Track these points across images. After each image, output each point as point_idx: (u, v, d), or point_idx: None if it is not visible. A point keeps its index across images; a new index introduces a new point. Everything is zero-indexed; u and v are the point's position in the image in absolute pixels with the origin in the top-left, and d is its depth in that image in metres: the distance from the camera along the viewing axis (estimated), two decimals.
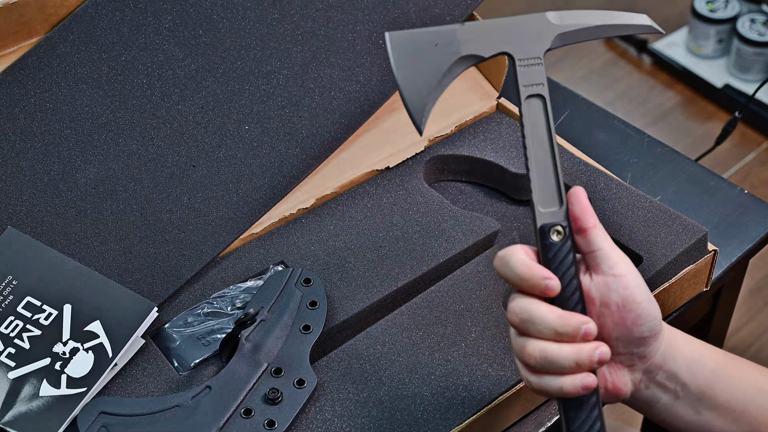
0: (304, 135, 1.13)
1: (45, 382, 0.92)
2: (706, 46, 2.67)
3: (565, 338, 0.73)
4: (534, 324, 0.74)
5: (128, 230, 1.05)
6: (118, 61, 1.13)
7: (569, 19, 0.78)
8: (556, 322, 0.73)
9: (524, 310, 0.74)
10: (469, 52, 0.77)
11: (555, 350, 0.73)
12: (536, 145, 0.78)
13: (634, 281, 0.75)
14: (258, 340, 0.95)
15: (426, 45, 0.77)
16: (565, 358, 0.73)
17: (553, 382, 0.74)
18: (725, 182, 1.24)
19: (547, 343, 0.73)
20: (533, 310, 0.74)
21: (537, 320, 0.73)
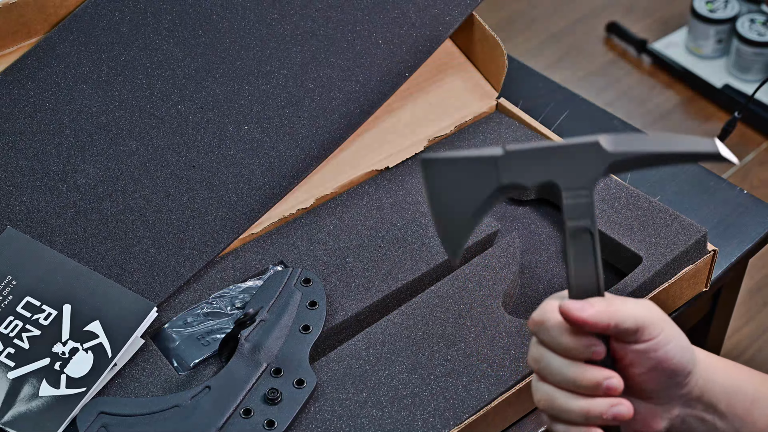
0: (303, 135, 1.13)
1: (44, 382, 0.92)
2: (705, 46, 2.67)
3: (584, 391, 0.70)
4: (551, 372, 0.71)
5: (128, 230, 1.05)
6: (117, 61, 1.13)
7: (625, 146, 0.69)
8: (575, 375, 0.70)
9: (542, 357, 0.71)
10: (510, 180, 0.70)
11: (563, 401, 0.70)
12: (581, 279, 0.72)
13: (664, 340, 0.71)
14: (257, 340, 0.95)
15: (463, 172, 0.70)
16: (573, 411, 0.70)
17: (561, 429, 0.72)
18: (725, 182, 1.24)
19: (558, 391, 0.71)
20: (551, 358, 0.71)
21: (554, 369, 0.71)
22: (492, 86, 1.24)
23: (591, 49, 2.83)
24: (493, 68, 1.24)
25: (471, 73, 1.26)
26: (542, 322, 0.71)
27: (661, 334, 0.71)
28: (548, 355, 0.71)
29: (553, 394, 0.71)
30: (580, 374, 0.70)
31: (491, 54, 1.23)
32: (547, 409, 0.72)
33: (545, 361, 0.71)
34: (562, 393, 0.71)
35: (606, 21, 2.87)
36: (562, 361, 0.70)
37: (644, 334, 0.70)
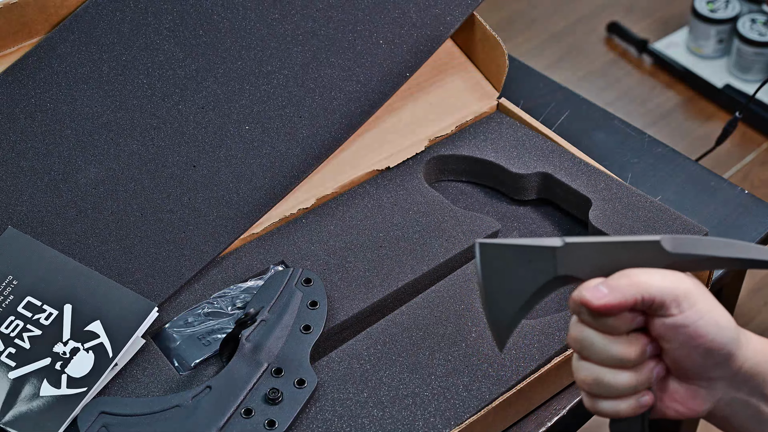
0: (304, 135, 1.13)
1: (45, 382, 0.92)
2: (706, 46, 2.67)
3: (629, 364, 0.70)
4: (595, 351, 0.70)
5: (129, 230, 1.05)
6: (118, 61, 1.13)
7: (686, 248, 0.69)
8: (620, 351, 0.69)
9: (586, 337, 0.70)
10: (567, 272, 0.70)
11: (611, 377, 0.70)
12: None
13: (695, 315, 0.68)
14: (258, 340, 0.95)
15: (519, 261, 0.70)
16: (621, 385, 0.70)
17: (608, 405, 0.71)
18: (725, 182, 1.24)
19: (603, 369, 0.70)
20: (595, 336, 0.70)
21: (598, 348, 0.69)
22: (493, 86, 1.24)
23: (591, 49, 2.83)
24: (493, 68, 1.24)
25: (472, 73, 1.26)
26: (582, 303, 0.69)
27: (690, 309, 0.68)
28: (590, 334, 0.70)
29: (599, 372, 0.70)
30: (625, 350, 0.69)
31: (492, 54, 1.23)
32: (593, 388, 0.70)
33: (588, 341, 0.70)
34: (608, 370, 0.70)
35: (607, 21, 2.87)
36: (605, 339, 0.69)
37: (671, 308, 0.68)
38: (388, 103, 1.18)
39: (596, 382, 0.70)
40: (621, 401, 0.70)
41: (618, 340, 0.69)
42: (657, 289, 0.68)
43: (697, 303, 0.69)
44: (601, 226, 1.07)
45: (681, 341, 0.69)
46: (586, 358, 0.70)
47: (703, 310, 0.69)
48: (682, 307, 0.68)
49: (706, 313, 0.69)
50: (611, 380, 0.70)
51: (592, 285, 0.69)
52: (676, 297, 0.68)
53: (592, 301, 0.68)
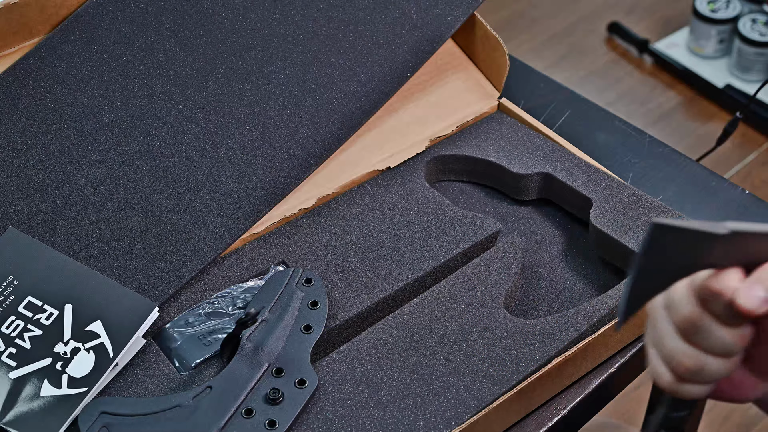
0: (305, 135, 1.13)
1: (46, 382, 0.92)
2: (707, 46, 2.67)
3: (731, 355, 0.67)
4: (710, 340, 0.66)
5: (129, 230, 1.05)
6: (119, 61, 1.13)
7: None
8: (736, 345, 0.66)
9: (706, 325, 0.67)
10: (719, 261, 0.66)
11: (714, 366, 0.67)
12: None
13: None
14: (259, 340, 0.95)
15: (684, 243, 0.67)
16: (720, 374, 0.67)
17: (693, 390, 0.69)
18: (726, 182, 1.24)
19: (709, 357, 0.67)
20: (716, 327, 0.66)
21: (716, 338, 0.66)
22: (493, 86, 1.24)
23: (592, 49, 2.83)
24: (494, 68, 1.24)
25: (472, 73, 1.26)
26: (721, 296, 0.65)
27: None
28: (710, 323, 0.66)
29: (705, 360, 0.66)
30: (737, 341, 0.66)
31: (493, 54, 1.23)
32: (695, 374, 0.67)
33: (706, 328, 0.66)
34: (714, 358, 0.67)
35: (607, 21, 2.87)
36: (724, 330, 0.66)
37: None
38: (389, 103, 1.18)
39: (699, 369, 0.67)
40: (709, 387, 0.69)
41: (735, 331, 0.66)
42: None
43: None
44: (602, 227, 1.07)
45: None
46: (694, 342, 0.67)
47: None
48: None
49: None
50: (715, 368, 0.67)
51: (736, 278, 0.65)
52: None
53: (755, 309, 0.64)
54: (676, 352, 0.68)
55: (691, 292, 0.67)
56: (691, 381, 0.68)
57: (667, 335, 0.68)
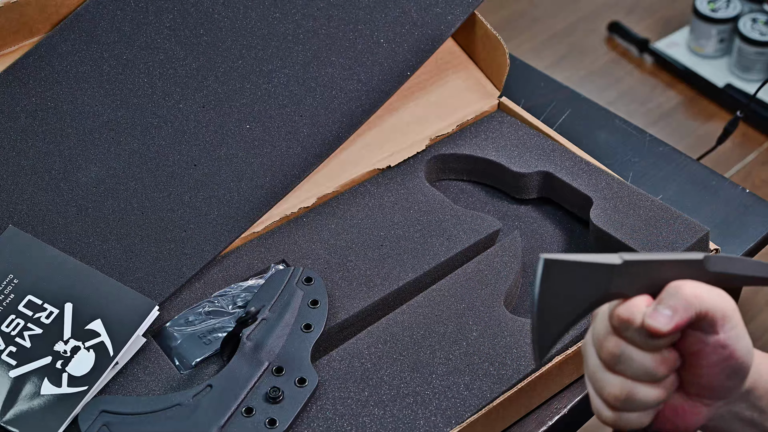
0: (305, 134, 1.13)
1: (46, 381, 0.92)
2: (707, 45, 2.67)
3: (658, 381, 0.70)
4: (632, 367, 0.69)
5: (129, 229, 1.05)
6: (119, 60, 1.13)
7: (725, 267, 0.70)
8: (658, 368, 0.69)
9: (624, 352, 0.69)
10: (618, 290, 0.70)
11: (643, 392, 0.69)
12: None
13: (735, 336, 0.69)
14: (259, 339, 0.95)
15: (579, 276, 0.70)
16: (652, 399, 0.70)
17: (632, 418, 0.71)
18: (727, 181, 1.24)
19: (636, 384, 0.69)
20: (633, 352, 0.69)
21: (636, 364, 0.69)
22: (494, 85, 1.24)
23: (592, 49, 2.83)
24: (494, 67, 1.24)
25: (473, 72, 1.26)
26: (630, 323, 0.68)
27: (732, 330, 0.69)
28: (630, 350, 0.69)
29: (632, 387, 0.69)
30: (661, 366, 0.69)
31: (493, 53, 1.23)
32: (624, 403, 0.70)
33: (626, 355, 0.69)
34: (642, 385, 0.69)
35: (608, 20, 2.87)
36: (644, 355, 0.69)
37: (717, 326, 0.68)
38: (389, 102, 1.18)
39: (629, 397, 0.69)
40: (645, 414, 0.70)
41: (656, 355, 0.69)
42: (710, 304, 0.68)
43: (738, 324, 0.69)
44: (603, 226, 1.07)
45: (714, 360, 0.69)
46: (620, 372, 0.70)
47: (741, 332, 0.69)
48: (727, 326, 0.68)
49: (743, 335, 0.69)
50: (644, 395, 0.69)
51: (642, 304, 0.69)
52: (724, 315, 0.68)
53: (662, 328, 0.67)
54: (604, 383, 0.70)
55: (609, 325, 0.70)
56: (627, 410, 0.70)
57: (596, 369, 0.71)
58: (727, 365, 0.69)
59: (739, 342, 0.69)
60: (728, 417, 0.74)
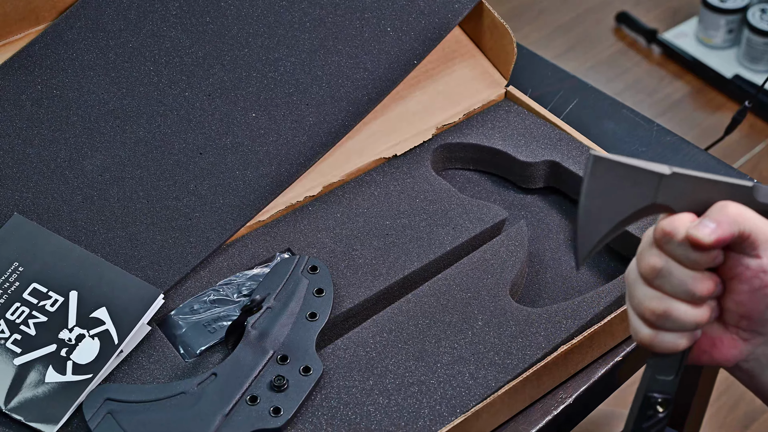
0: (311, 122, 1.13)
1: (51, 369, 0.92)
2: (716, 36, 2.66)
3: (698, 300, 0.70)
4: (671, 283, 0.70)
5: (134, 217, 1.05)
6: (125, 48, 1.13)
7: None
8: (696, 286, 0.69)
9: (665, 267, 0.70)
10: (664, 201, 0.71)
11: (682, 311, 0.70)
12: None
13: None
14: (264, 328, 0.95)
15: (626, 179, 0.71)
16: (689, 319, 0.70)
17: (668, 338, 0.71)
18: (735, 171, 1.23)
19: (675, 300, 0.70)
20: (675, 267, 0.70)
21: (677, 280, 0.69)
22: (501, 74, 1.24)
23: (601, 39, 2.82)
24: (502, 56, 1.23)
25: (480, 61, 1.25)
26: (673, 236, 0.69)
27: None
28: (672, 265, 0.70)
29: (671, 305, 0.70)
30: (701, 285, 0.69)
31: (500, 42, 1.22)
32: (660, 319, 0.70)
33: (667, 270, 0.70)
34: (680, 303, 0.70)
35: (616, 11, 2.86)
36: (685, 272, 0.69)
37: (759, 249, 0.69)
38: (396, 91, 1.18)
39: (666, 313, 0.70)
40: (681, 336, 0.71)
41: (696, 275, 0.69)
42: (754, 225, 0.69)
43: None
44: None
45: (754, 285, 0.70)
46: (659, 287, 0.70)
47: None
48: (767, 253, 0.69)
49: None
50: (682, 313, 0.70)
51: (686, 219, 0.69)
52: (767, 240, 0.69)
53: (703, 239, 0.68)
54: (643, 298, 0.71)
55: (653, 240, 0.70)
56: (664, 328, 0.71)
57: (636, 286, 0.72)
58: (765, 293, 0.70)
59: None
60: (764, 360, 0.74)
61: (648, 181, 0.71)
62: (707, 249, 0.68)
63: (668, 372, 0.73)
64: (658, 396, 0.74)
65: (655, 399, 0.74)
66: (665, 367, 0.74)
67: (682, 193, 0.71)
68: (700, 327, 0.71)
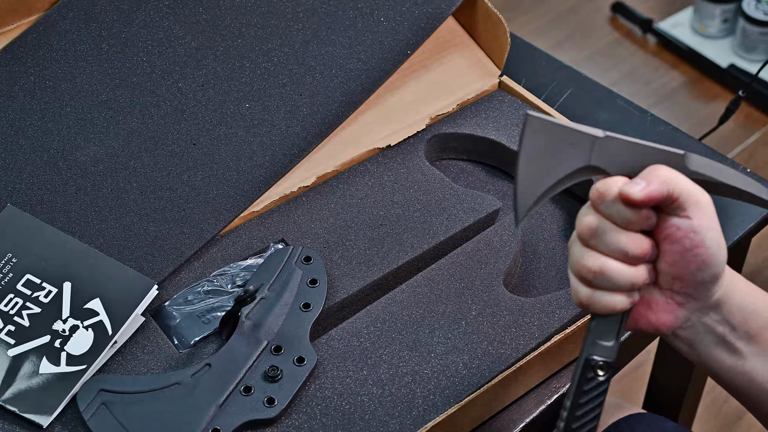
0: (304, 113, 1.13)
1: (45, 360, 0.92)
2: (711, 25, 2.65)
3: (630, 261, 0.73)
4: (605, 242, 0.73)
5: (128, 208, 1.04)
6: (118, 39, 1.13)
7: (705, 169, 0.75)
8: (629, 245, 0.72)
9: (600, 226, 0.73)
10: (598, 164, 0.74)
11: (616, 269, 0.73)
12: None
13: (707, 225, 0.73)
14: (258, 318, 0.95)
15: (561, 141, 0.74)
16: (624, 278, 0.73)
17: (605, 298, 0.74)
18: (728, 161, 1.23)
19: (609, 259, 0.73)
20: (609, 227, 0.73)
21: (610, 238, 0.73)
22: (495, 64, 1.24)
23: (596, 29, 2.82)
24: (495, 46, 1.23)
25: (473, 50, 1.25)
26: (608, 194, 0.72)
27: (704, 218, 0.72)
28: (605, 225, 0.73)
29: (606, 263, 0.73)
30: (634, 245, 0.73)
31: (494, 32, 1.22)
32: (596, 277, 0.73)
33: (602, 229, 0.73)
34: (614, 261, 0.73)
35: (611, 0, 2.86)
36: (619, 231, 0.73)
37: (689, 210, 0.72)
38: (389, 81, 1.18)
39: (601, 271, 0.73)
40: (618, 295, 0.74)
41: (630, 234, 0.72)
42: (684, 187, 0.72)
43: (710, 215, 0.73)
44: None
45: (685, 246, 0.73)
46: (594, 246, 0.73)
47: (712, 224, 0.73)
48: (698, 214, 0.72)
49: (715, 227, 0.73)
50: (616, 271, 0.73)
51: (620, 181, 0.73)
52: (697, 202, 0.72)
53: (633, 195, 0.71)
54: (580, 257, 0.74)
55: (590, 202, 0.74)
56: (600, 287, 0.74)
57: (574, 247, 0.75)
58: (698, 253, 0.73)
59: (710, 232, 0.73)
60: (701, 328, 0.77)
61: (582, 142, 0.74)
62: (638, 205, 0.72)
63: (608, 337, 0.76)
64: (599, 359, 0.76)
65: (596, 362, 0.76)
66: (605, 331, 0.76)
67: (615, 157, 0.74)
68: (635, 288, 0.74)
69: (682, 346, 0.79)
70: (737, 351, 0.78)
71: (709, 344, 0.78)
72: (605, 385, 0.77)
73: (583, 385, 0.77)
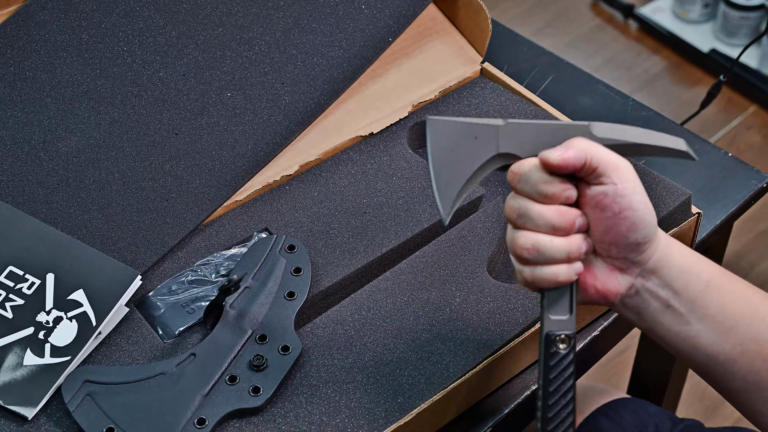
0: (286, 101, 1.12)
1: (29, 352, 0.92)
2: (692, 10, 2.66)
3: (560, 232, 0.76)
4: (531, 218, 0.76)
5: (110, 198, 1.04)
6: (98, 29, 1.12)
7: (611, 133, 0.78)
8: (553, 217, 0.76)
9: (522, 206, 0.77)
10: (507, 150, 0.78)
11: (547, 242, 0.76)
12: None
13: (631, 188, 0.76)
14: (242, 307, 0.95)
15: (465, 137, 0.78)
16: (558, 250, 0.77)
17: (545, 271, 0.77)
18: (710, 145, 1.24)
19: (539, 234, 0.77)
20: (531, 205, 0.77)
21: (534, 214, 0.76)
22: (476, 51, 1.24)
23: (578, 15, 2.82)
24: (477, 33, 1.23)
25: (455, 37, 1.25)
26: (521, 174, 0.77)
27: (626, 183, 0.76)
28: (527, 204, 0.77)
29: (537, 238, 0.77)
30: (558, 217, 0.76)
31: (475, 18, 1.22)
32: (532, 254, 0.77)
33: (525, 208, 0.77)
34: (544, 236, 0.77)
35: None
36: (541, 207, 0.76)
37: (610, 176, 0.75)
38: (371, 69, 1.18)
39: (534, 247, 0.77)
40: (558, 267, 0.77)
41: (552, 208, 0.76)
42: (601, 156, 0.76)
43: (632, 180, 0.76)
44: None
45: (614, 211, 0.76)
46: (522, 226, 0.77)
47: (636, 187, 0.77)
48: (620, 179, 0.76)
49: (639, 190, 0.77)
50: (547, 244, 0.76)
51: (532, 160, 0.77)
52: (617, 167, 0.76)
53: (551, 158, 0.75)
54: (513, 239, 0.78)
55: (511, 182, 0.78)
56: (538, 262, 0.77)
57: (508, 233, 0.80)
58: (626, 216, 0.76)
59: (635, 195, 0.76)
60: (646, 295, 0.80)
61: (485, 134, 0.77)
62: (556, 170, 0.75)
63: (563, 311, 0.79)
64: (557, 332, 0.79)
65: (556, 335, 0.79)
66: (558, 305, 0.79)
67: (523, 141, 0.77)
68: (573, 257, 0.77)
69: (631, 315, 0.82)
70: (681, 316, 0.80)
71: (654, 311, 0.81)
72: (570, 358, 0.79)
73: (549, 361, 0.79)
